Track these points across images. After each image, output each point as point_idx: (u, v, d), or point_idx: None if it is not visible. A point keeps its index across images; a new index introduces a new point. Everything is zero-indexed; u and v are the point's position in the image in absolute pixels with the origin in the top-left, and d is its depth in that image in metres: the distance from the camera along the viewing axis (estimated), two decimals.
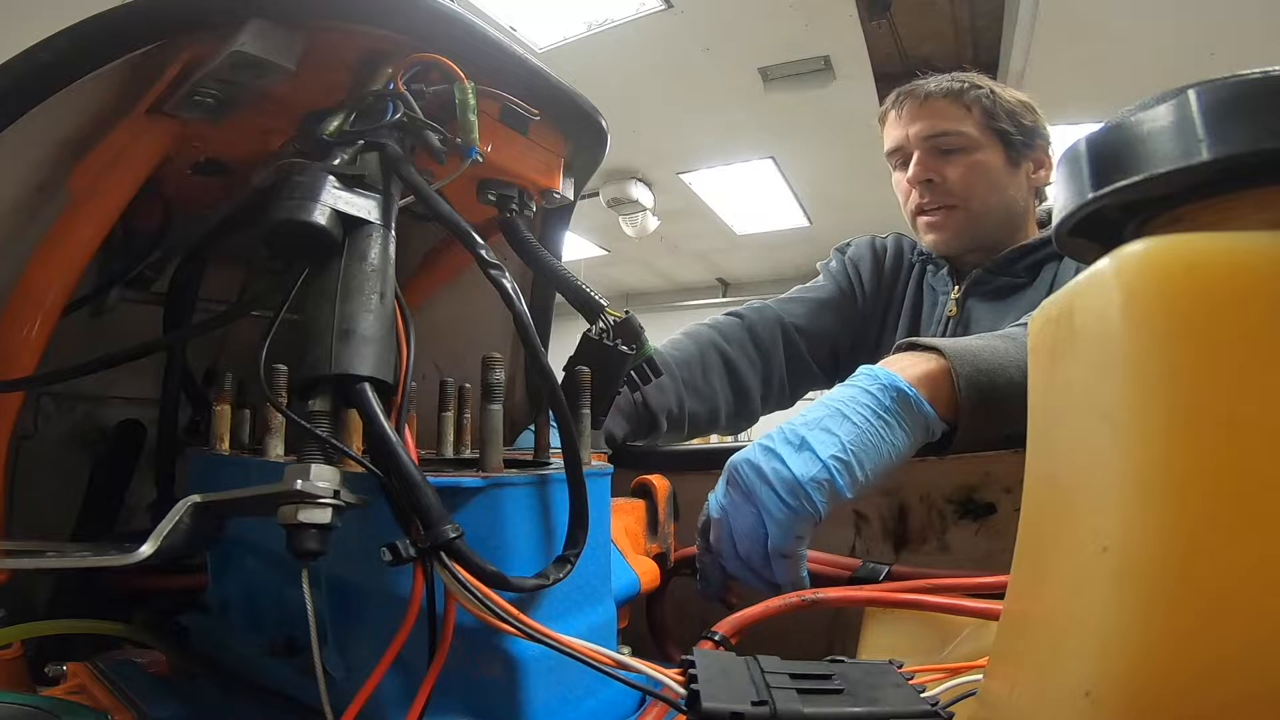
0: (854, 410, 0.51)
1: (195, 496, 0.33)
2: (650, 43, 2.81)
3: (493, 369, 0.37)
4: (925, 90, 0.95)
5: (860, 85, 3.08)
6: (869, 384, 0.53)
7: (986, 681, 0.30)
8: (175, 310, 0.59)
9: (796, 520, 0.49)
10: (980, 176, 0.94)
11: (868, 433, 0.50)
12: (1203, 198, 0.22)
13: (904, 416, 0.52)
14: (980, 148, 0.94)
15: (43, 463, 0.58)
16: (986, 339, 0.60)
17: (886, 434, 0.51)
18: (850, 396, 0.52)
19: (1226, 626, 0.18)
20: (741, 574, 0.52)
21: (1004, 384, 0.54)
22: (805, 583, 0.51)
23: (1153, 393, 0.19)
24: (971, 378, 0.54)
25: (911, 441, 0.53)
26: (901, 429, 0.52)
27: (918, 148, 0.95)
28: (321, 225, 0.35)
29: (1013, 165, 0.95)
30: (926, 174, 0.94)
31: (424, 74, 0.44)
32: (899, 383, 0.52)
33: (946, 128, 0.94)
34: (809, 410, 0.53)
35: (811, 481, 0.48)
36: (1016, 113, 0.96)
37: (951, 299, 0.96)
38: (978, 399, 0.54)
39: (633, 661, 0.32)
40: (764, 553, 0.50)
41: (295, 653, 0.40)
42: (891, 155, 1.00)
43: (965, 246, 0.96)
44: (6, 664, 0.44)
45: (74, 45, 0.40)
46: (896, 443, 0.51)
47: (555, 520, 0.37)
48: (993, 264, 0.94)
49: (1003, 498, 0.60)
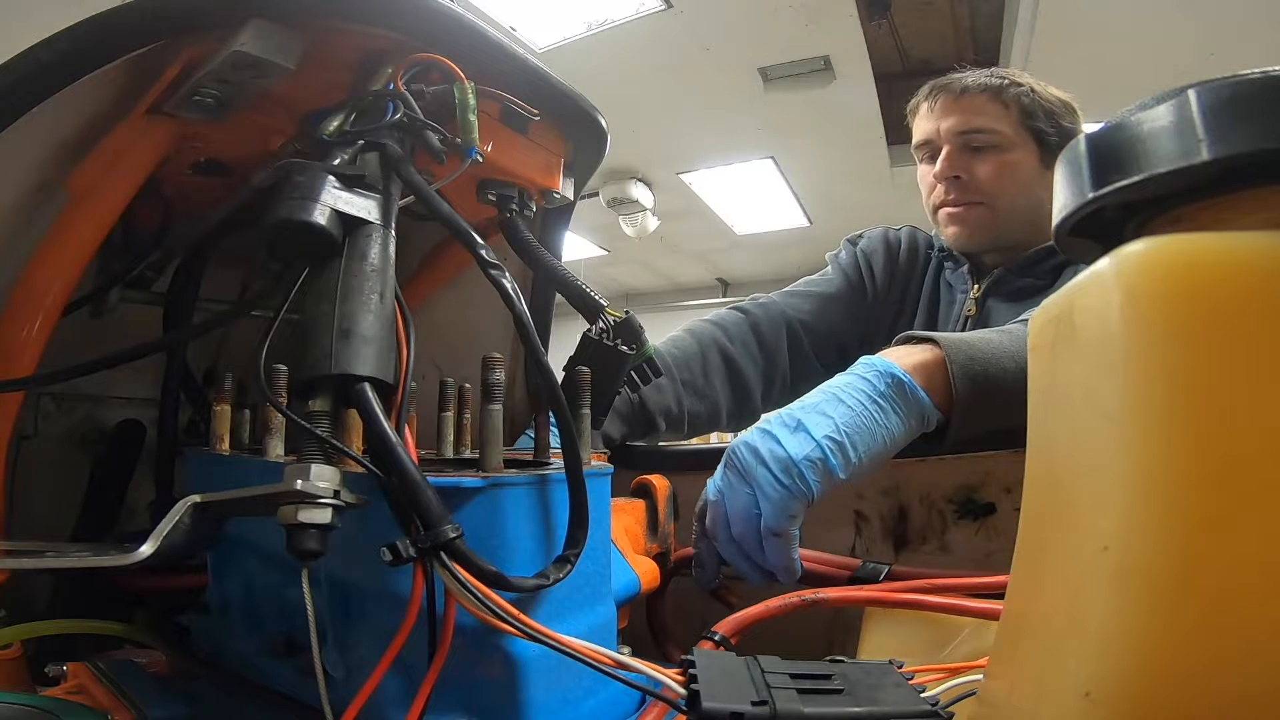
0: (849, 394, 0.53)
1: (195, 496, 0.33)
2: (650, 43, 2.81)
3: (493, 369, 0.37)
4: (962, 84, 0.94)
5: (860, 85, 3.08)
6: (865, 371, 0.54)
7: (986, 681, 0.30)
8: (175, 310, 0.59)
9: (790, 499, 0.49)
10: (1010, 176, 0.93)
11: (862, 416, 0.51)
12: (1203, 198, 0.22)
13: (899, 402, 0.53)
14: (1014, 147, 0.93)
15: (43, 463, 0.58)
16: (984, 333, 0.60)
17: (881, 418, 0.52)
18: (846, 383, 0.54)
19: (1226, 626, 0.18)
20: (734, 558, 0.53)
21: (998, 373, 0.55)
22: (797, 565, 0.52)
23: (1153, 393, 0.19)
24: (965, 365, 0.54)
25: (906, 427, 0.53)
26: (896, 414, 0.53)
27: (948, 143, 0.94)
28: (321, 225, 0.35)
29: (1045, 166, 0.94)
30: (954, 170, 0.93)
31: (424, 74, 0.44)
32: (894, 369, 0.53)
33: (981, 124, 0.93)
34: (808, 395, 0.54)
35: (805, 460, 0.49)
36: (1055, 113, 0.95)
37: (971, 298, 0.95)
38: (971, 387, 0.54)
39: (633, 661, 0.32)
40: (758, 534, 0.50)
41: (295, 653, 0.40)
42: (920, 148, 0.99)
43: (987, 245, 0.95)
44: (6, 664, 0.44)
45: (74, 45, 0.40)
46: (891, 427, 0.52)
47: (555, 520, 0.37)
48: (1016, 264, 0.93)
49: (1003, 498, 0.61)
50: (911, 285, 1.02)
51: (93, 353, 0.44)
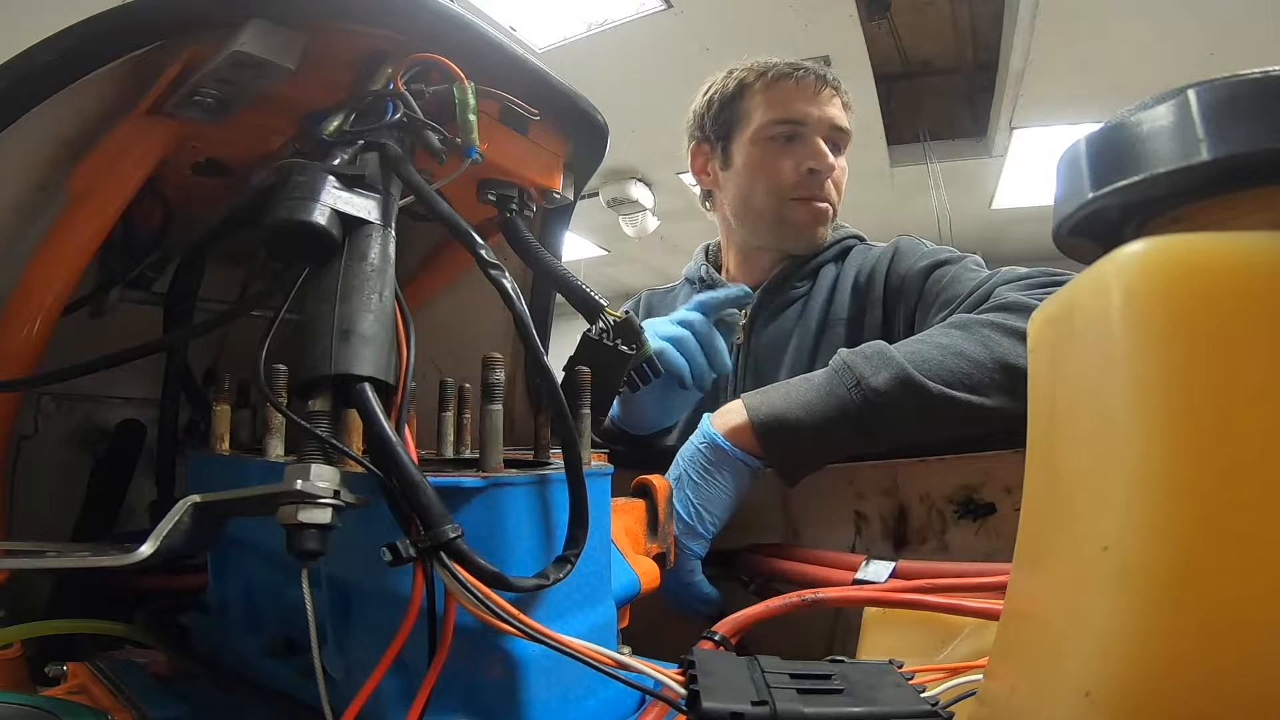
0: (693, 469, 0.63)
1: (195, 496, 0.33)
2: (650, 43, 2.81)
3: (493, 369, 0.37)
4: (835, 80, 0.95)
5: (860, 85, 3.07)
6: (699, 441, 0.64)
7: (986, 681, 0.30)
8: (175, 310, 0.59)
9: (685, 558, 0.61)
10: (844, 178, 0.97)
11: (704, 485, 0.62)
12: (1203, 198, 0.22)
13: (725, 465, 0.63)
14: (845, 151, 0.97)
15: (43, 463, 0.58)
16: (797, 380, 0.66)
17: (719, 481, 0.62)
18: (690, 456, 0.64)
19: (1227, 626, 0.18)
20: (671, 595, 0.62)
21: (793, 422, 0.62)
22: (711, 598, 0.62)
23: (1153, 393, 0.19)
24: (764, 423, 0.62)
25: (738, 479, 0.63)
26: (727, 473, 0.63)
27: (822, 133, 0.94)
28: (321, 225, 0.35)
29: None
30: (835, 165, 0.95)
31: (424, 74, 0.44)
32: (716, 437, 0.63)
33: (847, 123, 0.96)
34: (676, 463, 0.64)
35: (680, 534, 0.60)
36: None
37: (739, 326, 0.96)
38: (772, 438, 0.62)
39: (633, 661, 0.32)
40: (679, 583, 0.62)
41: (295, 653, 0.40)
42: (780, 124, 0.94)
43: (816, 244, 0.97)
44: (6, 664, 0.44)
45: (75, 45, 0.40)
46: (727, 485, 0.62)
47: (555, 520, 0.37)
48: (772, 283, 0.96)
49: (1003, 498, 0.61)
50: None
51: (93, 353, 0.44)
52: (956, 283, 0.79)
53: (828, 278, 0.95)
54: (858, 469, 0.66)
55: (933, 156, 3.64)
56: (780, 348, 0.93)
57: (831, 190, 0.95)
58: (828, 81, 0.95)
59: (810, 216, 0.95)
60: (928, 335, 0.65)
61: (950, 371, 0.60)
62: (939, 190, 3.76)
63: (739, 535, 0.66)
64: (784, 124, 0.94)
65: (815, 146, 0.93)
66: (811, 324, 0.92)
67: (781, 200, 0.94)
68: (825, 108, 0.94)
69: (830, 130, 0.94)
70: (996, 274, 0.75)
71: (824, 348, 0.89)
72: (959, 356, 0.61)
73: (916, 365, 0.60)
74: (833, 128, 0.94)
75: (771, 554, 0.65)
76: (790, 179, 0.93)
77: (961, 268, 0.82)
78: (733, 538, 0.65)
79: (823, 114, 0.93)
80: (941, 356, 0.61)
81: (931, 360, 0.61)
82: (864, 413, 0.60)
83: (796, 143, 0.94)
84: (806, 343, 0.91)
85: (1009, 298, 0.68)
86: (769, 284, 0.97)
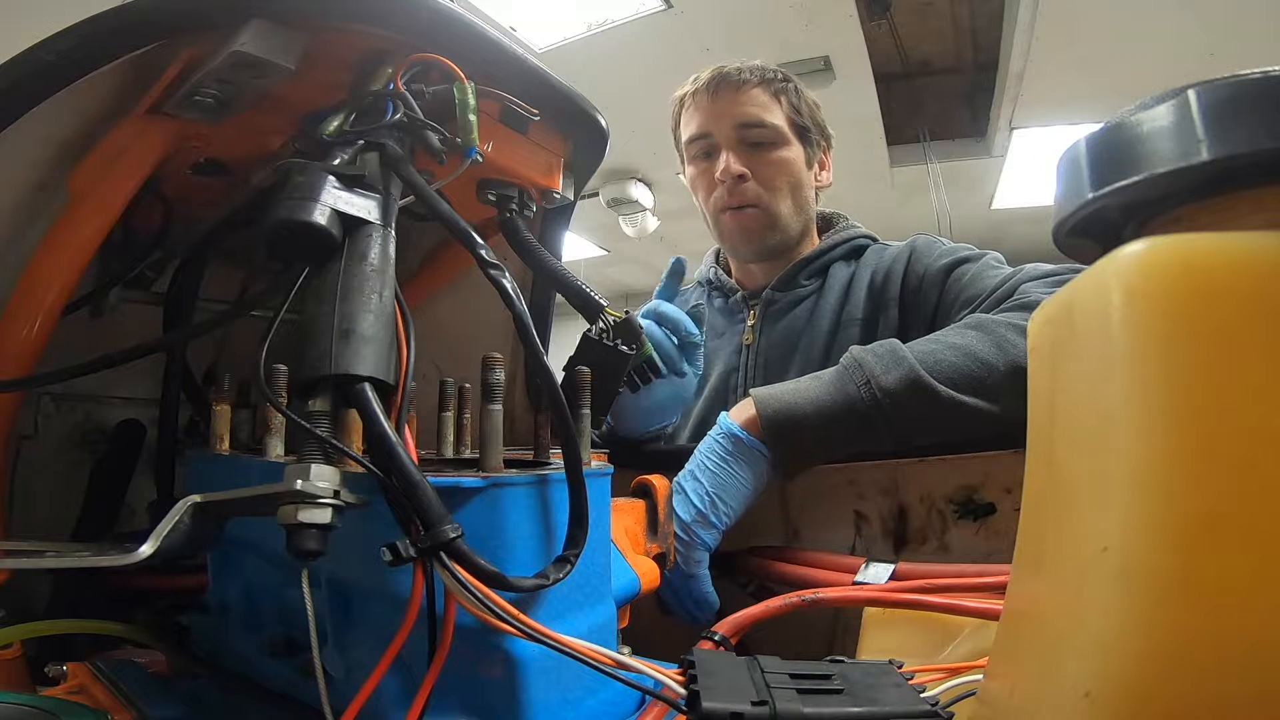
0: (711, 459, 0.63)
1: (195, 496, 0.33)
2: (650, 43, 2.81)
3: (493, 369, 0.37)
4: (741, 77, 0.93)
5: (860, 85, 3.07)
6: (718, 433, 0.64)
7: (986, 681, 0.30)
8: (175, 310, 0.59)
9: (692, 549, 0.60)
10: (786, 175, 0.94)
11: (721, 475, 0.61)
12: (1202, 198, 0.22)
13: (743, 455, 0.62)
14: (788, 144, 0.94)
15: (43, 463, 0.58)
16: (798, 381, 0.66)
17: (737, 472, 0.62)
18: (709, 447, 0.63)
19: (1227, 626, 0.18)
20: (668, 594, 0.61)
21: (800, 416, 0.62)
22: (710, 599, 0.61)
23: (1152, 392, 0.19)
24: (771, 417, 0.62)
25: (756, 472, 0.62)
26: (745, 465, 0.62)
27: (730, 138, 0.93)
28: (321, 225, 0.35)
29: (808, 165, 0.96)
30: (739, 169, 0.92)
31: (424, 74, 0.44)
32: (734, 428, 0.63)
33: (763, 118, 0.92)
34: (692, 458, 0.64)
35: (692, 521, 0.60)
36: (813, 110, 0.96)
37: (748, 325, 0.96)
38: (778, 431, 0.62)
39: (633, 661, 0.32)
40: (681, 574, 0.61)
41: (295, 653, 0.40)
42: (694, 143, 0.96)
43: (767, 250, 0.96)
44: (6, 664, 0.44)
45: (74, 45, 0.40)
46: (744, 476, 0.62)
47: (555, 520, 0.37)
48: (779, 282, 0.95)
49: (1003, 498, 0.61)
50: None
51: (93, 353, 0.44)
52: (978, 281, 0.78)
53: (840, 277, 0.94)
54: (857, 468, 0.66)
55: (933, 156, 3.64)
56: (790, 347, 0.93)
57: (759, 193, 0.93)
58: (731, 80, 0.93)
59: (736, 225, 0.95)
60: (943, 335, 0.65)
61: (961, 374, 0.60)
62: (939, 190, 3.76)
63: (738, 537, 0.66)
64: (696, 140, 0.95)
65: (721, 157, 0.93)
66: (824, 323, 0.91)
67: (715, 215, 0.97)
68: (733, 109, 0.92)
69: (738, 130, 0.92)
70: (1020, 271, 0.74)
71: (837, 348, 0.89)
72: (972, 359, 0.61)
73: (928, 367, 0.60)
74: (740, 127, 0.92)
75: (770, 557, 0.65)
76: (714, 193, 0.95)
77: (983, 265, 0.81)
78: (731, 540, 0.65)
79: (725, 119, 0.92)
80: (954, 358, 0.61)
81: (944, 362, 0.61)
82: (871, 411, 0.60)
83: (715, 156, 0.94)
84: (818, 342, 0.91)
85: (1032, 295, 0.67)
86: (776, 282, 0.96)
